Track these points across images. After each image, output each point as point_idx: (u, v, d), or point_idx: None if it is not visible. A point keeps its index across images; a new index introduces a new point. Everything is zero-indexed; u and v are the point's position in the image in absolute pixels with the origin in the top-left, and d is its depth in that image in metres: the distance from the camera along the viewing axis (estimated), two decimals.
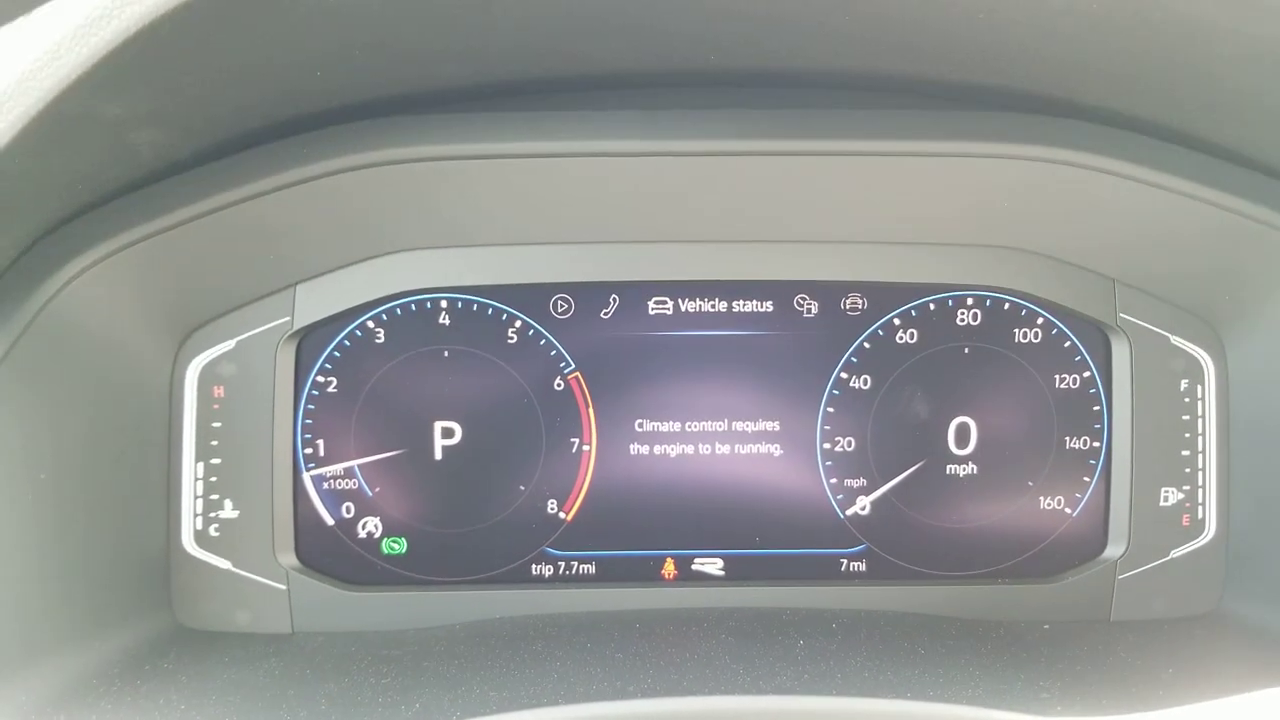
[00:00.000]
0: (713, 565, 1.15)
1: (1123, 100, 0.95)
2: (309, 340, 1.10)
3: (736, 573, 1.14)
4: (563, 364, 1.12)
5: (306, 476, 1.11)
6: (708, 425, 1.13)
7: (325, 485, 1.12)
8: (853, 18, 0.85)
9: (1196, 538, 1.13)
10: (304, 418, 1.11)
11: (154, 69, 0.72)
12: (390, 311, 1.11)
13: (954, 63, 0.93)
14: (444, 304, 1.11)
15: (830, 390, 1.13)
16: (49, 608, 0.92)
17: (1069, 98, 0.96)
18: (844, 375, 1.13)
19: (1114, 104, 0.96)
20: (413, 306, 1.11)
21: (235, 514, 1.09)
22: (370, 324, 1.11)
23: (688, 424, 1.13)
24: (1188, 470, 1.13)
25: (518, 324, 1.12)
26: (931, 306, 1.13)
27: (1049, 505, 1.15)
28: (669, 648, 0.98)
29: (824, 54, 0.93)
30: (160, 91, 0.77)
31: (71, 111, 0.70)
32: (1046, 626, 1.09)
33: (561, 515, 1.13)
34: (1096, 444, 1.14)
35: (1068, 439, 1.14)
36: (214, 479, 1.08)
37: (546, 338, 1.12)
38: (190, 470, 1.08)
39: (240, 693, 0.91)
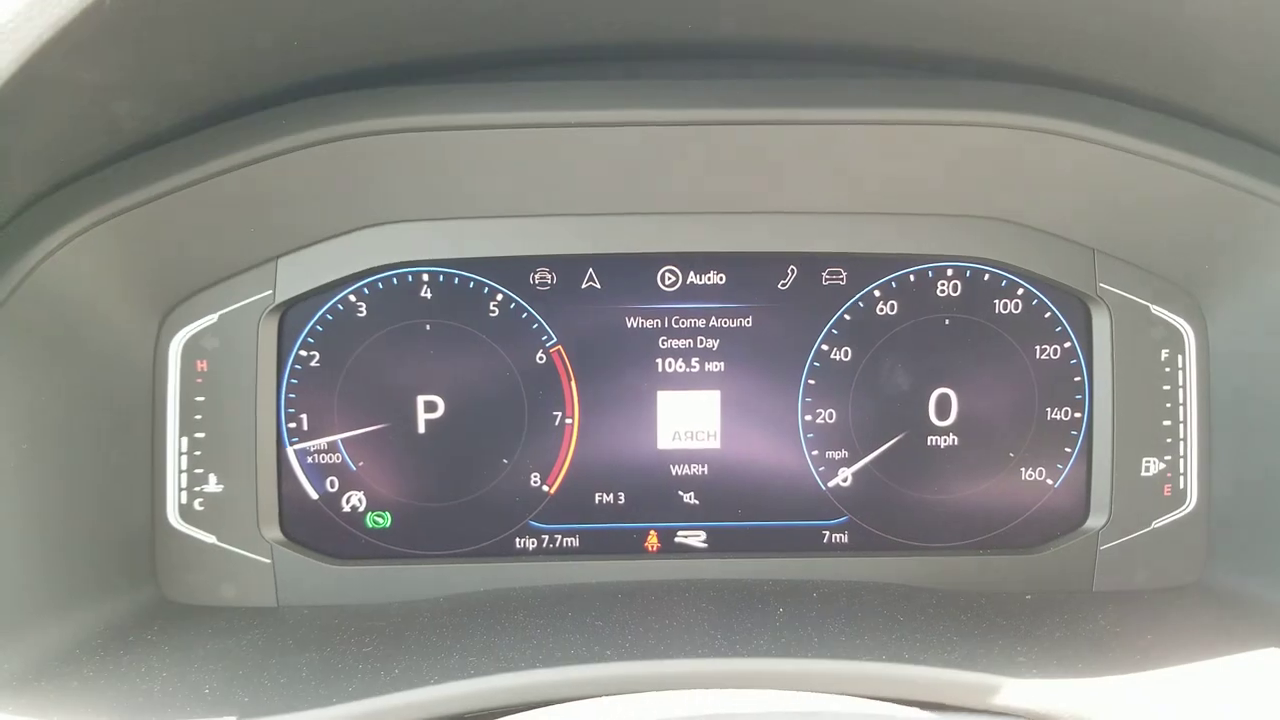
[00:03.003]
0: (695, 538, 1.15)
1: (1100, 67, 0.95)
2: (291, 314, 1.11)
3: (719, 545, 1.15)
4: (544, 337, 1.13)
5: (290, 451, 1.12)
6: (689, 397, 1.14)
7: (309, 460, 1.13)
8: None
9: (1178, 508, 1.13)
10: (287, 392, 1.12)
11: (126, 33, 0.72)
12: (372, 285, 1.11)
13: (932, 32, 0.93)
14: (425, 277, 1.12)
15: (811, 362, 1.14)
16: (32, 579, 0.92)
17: (1046, 65, 0.96)
18: (824, 347, 1.14)
19: (1091, 71, 0.96)
20: (394, 280, 1.12)
21: (219, 488, 1.10)
22: (352, 298, 1.12)
23: (669, 397, 1.13)
24: (1169, 440, 1.13)
25: (499, 297, 1.12)
26: (911, 278, 1.13)
27: (1030, 476, 1.15)
28: (649, 616, 0.99)
29: (802, 24, 0.94)
30: (135, 58, 0.77)
31: (46, 76, 0.70)
32: (1029, 597, 1.09)
33: (545, 488, 1.14)
34: (1078, 414, 1.15)
35: (1049, 410, 1.15)
36: (198, 453, 1.09)
37: (528, 311, 1.12)
38: (174, 444, 1.08)
39: (223, 662, 0.92)
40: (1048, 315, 1.14)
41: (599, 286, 1.12)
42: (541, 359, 1.13)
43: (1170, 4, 0.80)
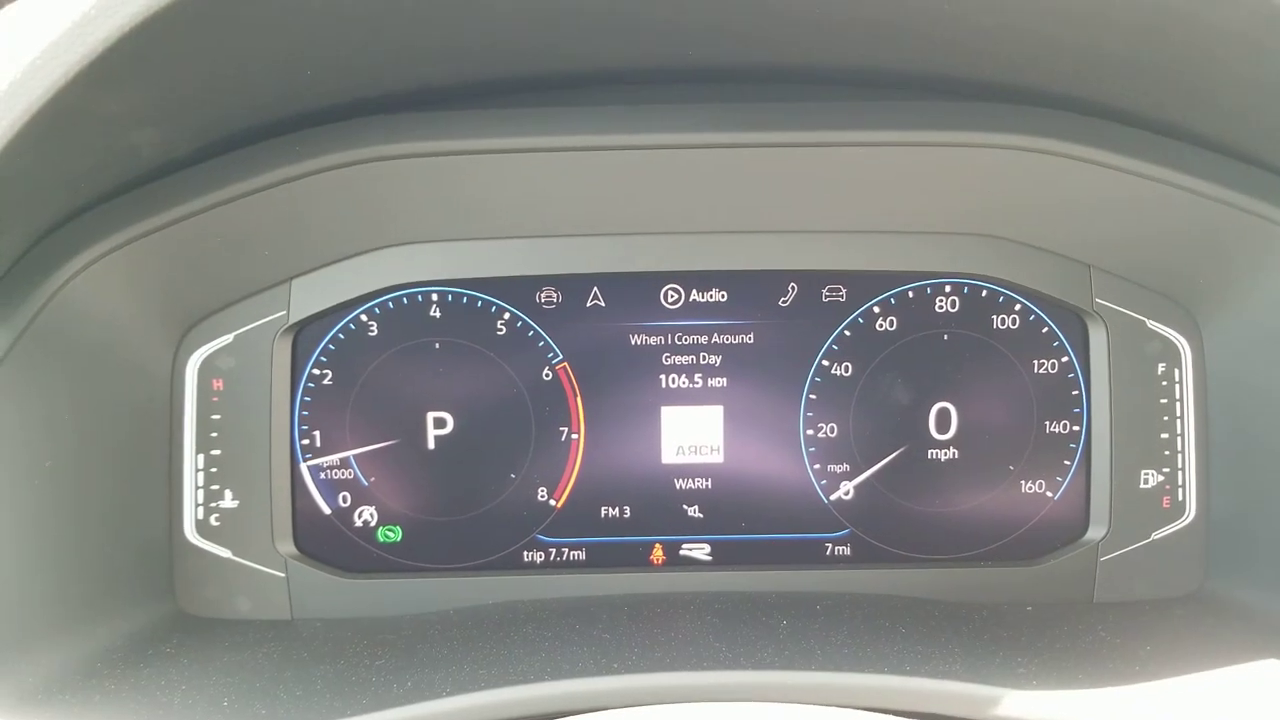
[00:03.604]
0: (700, 551, 1.17)
1: (1096, 88, 0.97)
2: (305, 334, 1.13)
3: (723, 558, 1.17)
4: (550, 354, 1.15)
5: (304, 467, 1.14)
6: (693, 412, 1.16)
7: (322, 475, 1.15)
8: (831, 13, 0.87)
9: (1177, 519, 1.15)
10: (301, 409, 1.14)
11: (150, 66, 0.75)
12: (383, 305, 1.14)
13: (930, 55, 0.95)
14: (435, 297, 1.14)
15: (812, 378, 1.16)
16: (53, 594, 0.95)
17: (1042, 87, 0.98)
18: (825, 363, 1.16)
19: (1089, 93, 0.98)
20: (404, 300, 1.14)
21: (235, 504, 1.12)
22: (364, 317, 1.14)
23: (673, 412, 1.15)
24: (1167, 452, 1.14)
25: (506, 316, 1.14)
26: (910, 294, 1.15)
27: (1030, 489, 1.17)
28: (654, 629, 1.00)
29: (803, 48, 0.96)
30: (157, 89, 0.80)
31: (71, 109, 0.72)
32: (1029, 608, 1.10)
33: (552, 503, 1.16)
34: (1076, 428, 1.16)
35: (1047, 423, 1.16)
36: (214, 470, 1.11)
37: (534, 329, 1.15)
38: (191, 461, 1.11)
39: (239, 674, 0.94)
40: (1045, 330, 1.16)
41: (603, 305, 1.15)
42: (548, 376, 1.15)
43: (1165, 28, 0.81)
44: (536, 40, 0.92)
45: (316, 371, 1.14)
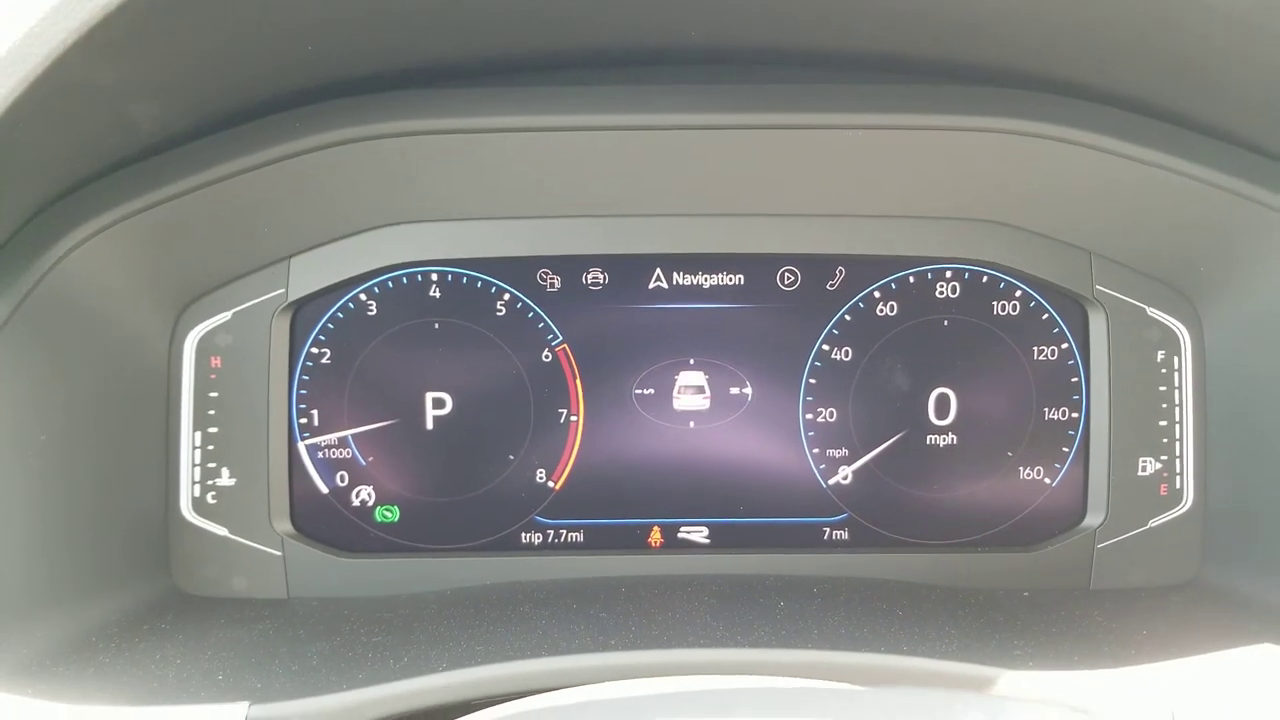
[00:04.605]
0: (698, 533, 1.17)
1: (1098, 74, 0.97)
2: (303, 312, 1.13)
3: (721, 541, 1.17)
4: (550, 336, 1.15)
5: (301, 446, 1.14)
6: (693, 396, 1.16)
7: (320, 454, 1.15)
8: None
9: (1174, 507, 1.15)
10: (299, 388, 1.14)
11: (148, 36, 0.74)
12: (382, 284, 1.14)
13: (935, 38, 0.95)
14: (434, 277, 1.14)
15: (812, 362, 1.16)
16: (46, 568, 0.94)
17: (1045, 72, 0.98)
18: (825, 347, 1.16)
19: (1090, 78, 0.98)
20: (404, 279, 1.14)
21: (232, 482, 1.12)
22: (363, 296, 1.14)
23: (673, 395, 1.16)
24: (1165, 440, 1.14)
25: (506, 297, 1.14)
26: (911, 279, 1.15)
27: (1028, 475, 1.17)
28: (652, 609, 1.00)
29: (805, 30, 0.95)
30: (155, 60, 0.80)
31: (69, 79, 0.72)
32: (1026, 594, 1.11)
33: (550, 484, 1.16)
34: (1075, 415, 1.16)
35: (1046, 410, 1.16)
36: (211, 448, 1.11)
37: (534, 310, 1.14)
38: (188, 439, 1.11)
39: (234, 650, 0.94)
40: (1045, 317, 1.16)
41: (604, 286, 1.15)
42: (547, 357, 1.15)
43: (1167, 14, 0.81)
44: (539, 17, 0.92)
45: (315, 350, 1.14)
